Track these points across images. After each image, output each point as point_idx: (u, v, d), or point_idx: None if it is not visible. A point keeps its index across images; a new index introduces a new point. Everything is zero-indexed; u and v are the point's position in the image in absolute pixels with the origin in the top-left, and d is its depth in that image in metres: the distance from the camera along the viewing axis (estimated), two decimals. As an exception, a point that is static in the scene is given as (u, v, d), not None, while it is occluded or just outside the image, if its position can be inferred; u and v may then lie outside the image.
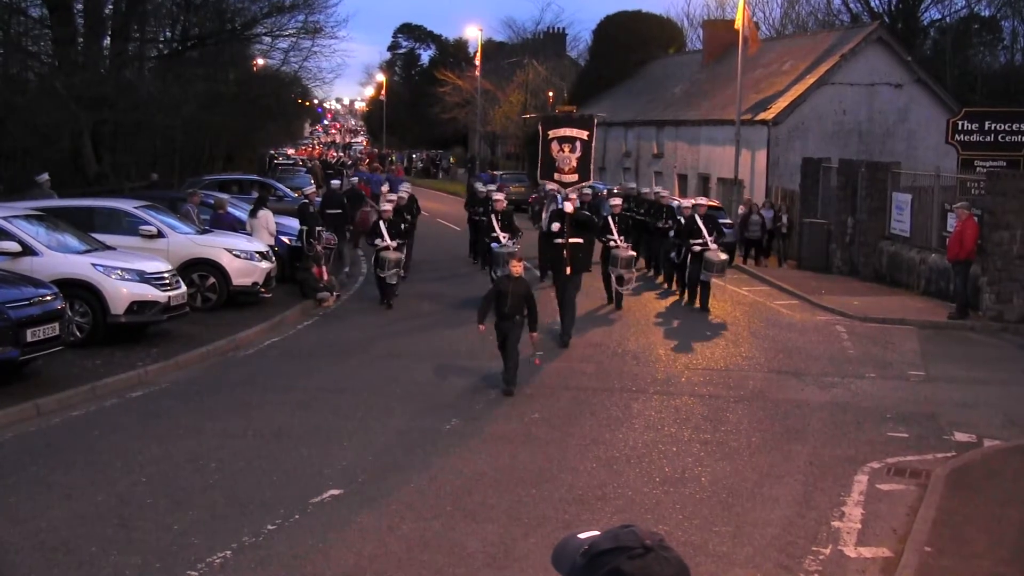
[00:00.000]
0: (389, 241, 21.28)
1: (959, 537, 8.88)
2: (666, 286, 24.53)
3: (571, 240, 17.46)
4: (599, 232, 21.06)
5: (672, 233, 23.49)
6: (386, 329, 19.04)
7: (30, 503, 9.64)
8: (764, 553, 8.67)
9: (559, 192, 23.11)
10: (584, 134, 19.34)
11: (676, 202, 27.31)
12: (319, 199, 25.94)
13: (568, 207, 17.77)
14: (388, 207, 23.00)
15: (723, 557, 8.32)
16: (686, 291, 22.12)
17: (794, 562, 8.52)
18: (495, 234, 22.40)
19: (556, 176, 19.20)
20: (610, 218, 21.79)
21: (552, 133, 19.50)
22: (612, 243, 21.15)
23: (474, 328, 14.51)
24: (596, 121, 20.43)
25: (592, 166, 19.49)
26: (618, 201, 23.27)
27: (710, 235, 21.13)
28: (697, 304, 21.31)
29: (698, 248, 21.01)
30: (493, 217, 22.99)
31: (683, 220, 22.68)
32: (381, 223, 21.88)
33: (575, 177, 19.15)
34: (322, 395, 13.74)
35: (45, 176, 29.31)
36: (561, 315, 17.48)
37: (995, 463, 11.35)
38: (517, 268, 14.16)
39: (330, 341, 17.63)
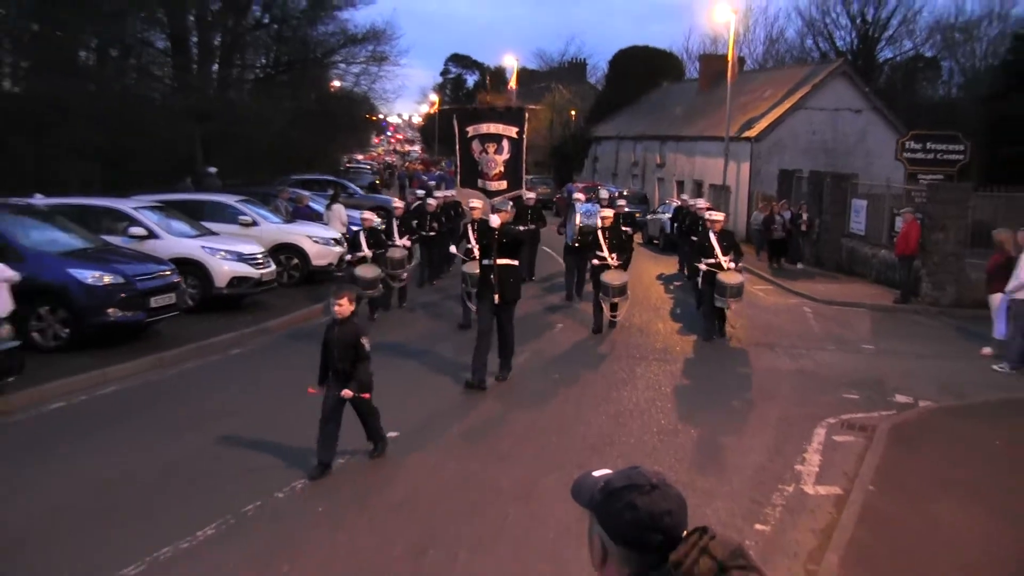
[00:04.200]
0: (367, 251, 16.56)
1: (896, 478, 8.91)
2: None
3: (499, 262, 11.92)
4: (591, 247, 16.48)
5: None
6: (439, 307, 19.01)
7: (157, 436, 9.78)
8: (741, 490, 8.70)
9: (580, 200, 22.06)
10: (512, 131, 13.00)
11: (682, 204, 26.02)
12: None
13: (495, 221, 11.80)
14: (433, 202, 20.86)
15: (707, 492, 8.35)
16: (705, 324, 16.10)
17: (764, 497, 8.55)
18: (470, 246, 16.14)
19: (480, 183, 13.14)
20: (599, 232, 16.28)
21: (471, 130, 13.17)
22: (600, 260, 16.20)
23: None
24: (527, 115, 13.83)
25: (523, 170, 13.35)
26: (609, 213, 16.99)
27: (726, 254, 15.57)
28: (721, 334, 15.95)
29: (707, 268, 15.62)
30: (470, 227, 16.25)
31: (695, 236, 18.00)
32: (361, 232, 17.20)
33: (503, 185, 13.03)
34: (382, 355, 13.77)
35: (213, 169, 29.72)
36: (500, 352, 12.40)
37: (927, 420, 11.36)
38: (343, 306, 8.68)
39: (386, 316, 17.60)
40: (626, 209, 21.74)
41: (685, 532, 2.28)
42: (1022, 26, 42.10)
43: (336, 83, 49.00)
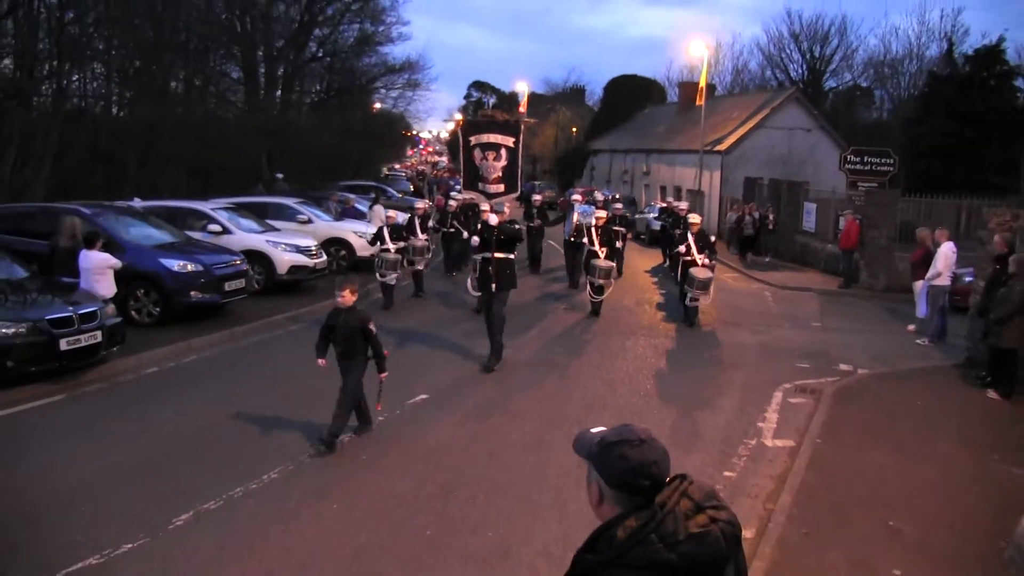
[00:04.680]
0: (390, 244, 16.22)
1: (838, 432, 8.91)
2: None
3: (497, 255, 11.57)
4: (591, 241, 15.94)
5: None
6: (455, 296, 18.97)
7: (233, 395, 9.82)
8: (711, 444, 8.67)
9: (578, 202, 22.15)
10: (510, 141, 12.44)
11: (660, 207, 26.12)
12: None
13: (493, 219, 11.69)
14: (454, 204, 20.36)
15: (683, 446, 8.33)
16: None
17: (731, 449, 8.52)
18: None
19: (480, 186, 12.61)
20: (592, 229, 15.93)
21: (474, 139, 12.57)
22: (591, 253, 15.78)
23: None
24: (524, 127, 13.11)
25: (520, 176, 12.73)
26: (603, 213, 16.69)
27: (700, 252, 15.08)
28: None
29: (683, 259, 15.30)
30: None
31: (677, 232, 17.13)
32: (384, 227, 16.60)
33: (501, 188, 12.43)
34: (413, 335, 13.80)
35: (281, 175, 29.82)
36: (489, 334, 11.69)
37: (864, 385, 11.31)
38: (346, 297, 8.10)
39: (405, 303, 17.60)
40: (622, 212, 21.96)
41: (668, 478, 2.28)
42: (935, 65, 42.07)
43: (377, 105, 49.02)
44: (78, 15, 25.33)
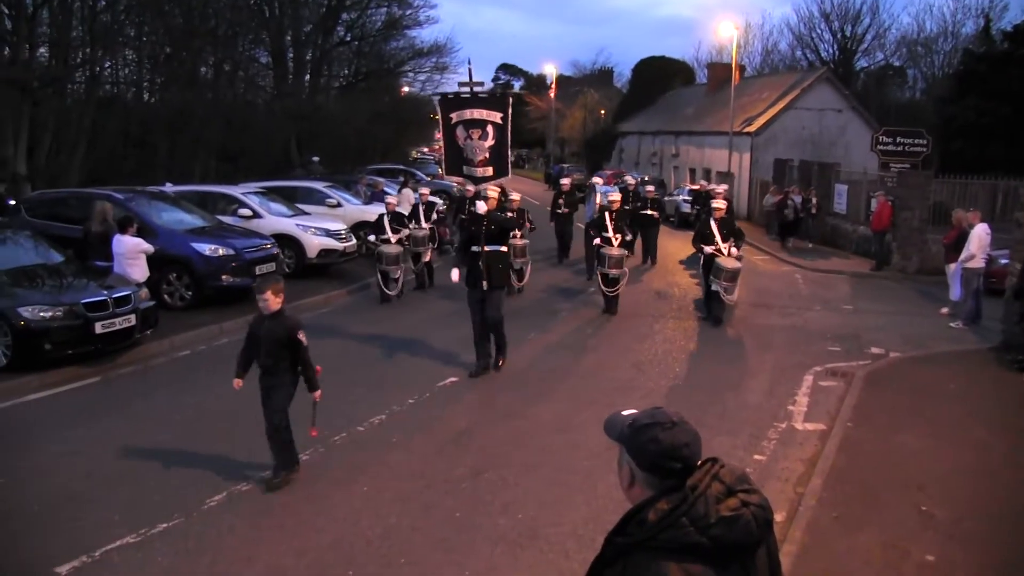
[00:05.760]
0: (390, 234, 15.09)
1: (869, 415, 8.82)
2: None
3: (487, 249, 10.00)
4: (598, 229, 14.41)
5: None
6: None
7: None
8: (741, 427, 8.62)
9: (599, 183, 21.47)
10: (497, 116, 10.61)
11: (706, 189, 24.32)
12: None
13: (481, 207, 10.10)
14: (471, 189, 17.20)
15: (713, 428, 8.29)
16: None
17: (761, 432, 8.47)
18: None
19: (466, 170, 10.83)
20: (606, 214, 14.39)
21: (455, 116, 10.74)
22: (605, 240, 14.12)
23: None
24: (511, 100, 11.18)
25: (508, 156, 10.89)
26: (617, 196, 15.15)
27: (725, 240, 13.49)
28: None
29: (708, 252, 13.52)
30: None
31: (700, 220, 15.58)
32: (385, 216, 15.40)
33: (488, 171, 10.71)
34: (440, 318, 13.82)
35: (316, 158, 29.98)
36: (477, 341, 10.38)
37: (896, 368, 11.20)
38: (269, 300, 6.93)
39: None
40: (654, 195, 21.06)
41: (699, 461, 2.27)
42: (970, 43, 41.30)
43: (405, 89, 49.02)
44: (110, 3, 25.58)
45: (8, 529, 6.03)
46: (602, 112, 65.09)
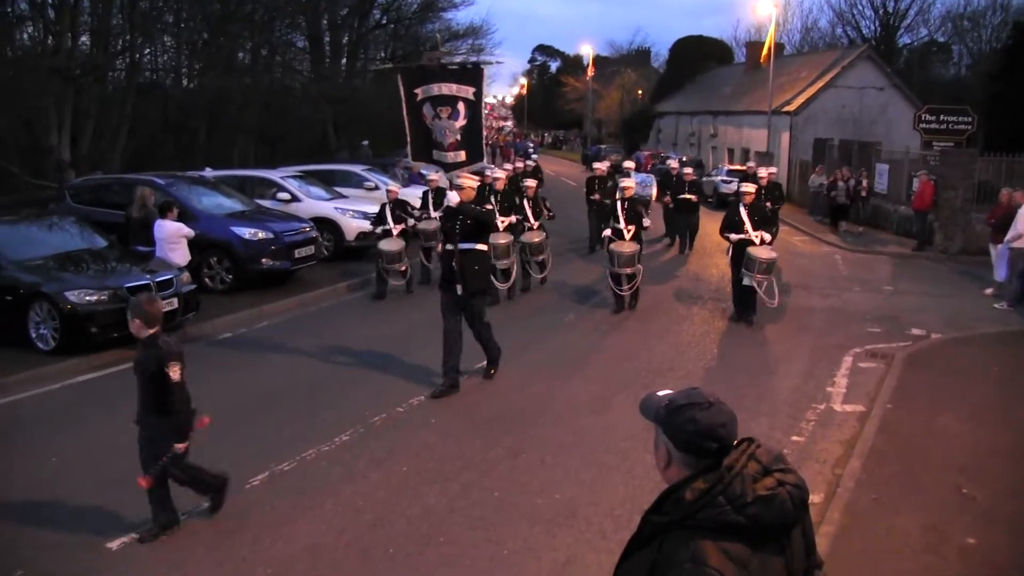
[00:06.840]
0: (392, 225, 13.76)
1: (909, 397, 8.73)
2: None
3: (462, 247, 8.57)
4: (607, 218, 13.40)
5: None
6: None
7: (304, 360, 10.05)
8: (779, 408, 8.59)
9: (630, 169, 19.68)
10: (469, 92, 9.03)
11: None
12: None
13: (454, 199, 8.55)
14: (491, 175, 14.30)
15: (750, 410, 8.26)
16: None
17: (799, 413, 8.43)
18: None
19: (435, 155, 9.28)
20: (619, 203, 12.94)
21: (420, 92, 9.13)
22: (615, 230, 12.83)
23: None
24: (485, 72, 9.50)
25: (483, 137, 9.52)
26: (632, 183, 13.67)
27: (756, 228, 11.85)
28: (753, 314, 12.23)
29: (736, 240, 11.98)
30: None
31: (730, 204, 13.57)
32: (387, 205, 14.07)
33: (461, 156, 9.14)
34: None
35: (366, 142, 30.17)
36: (449, 350, 8.80)
37: (937, 349, 11.06)
38: (137, 328, 5.63)
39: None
40: (693, 177, 19.66)
41: (736, 442, 2.28)
42: (1021, 15, 40.26)
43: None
44: (148, -11, 25.84)
45: (64, 507, 6.22)
46: (639, 92, 64.63)
